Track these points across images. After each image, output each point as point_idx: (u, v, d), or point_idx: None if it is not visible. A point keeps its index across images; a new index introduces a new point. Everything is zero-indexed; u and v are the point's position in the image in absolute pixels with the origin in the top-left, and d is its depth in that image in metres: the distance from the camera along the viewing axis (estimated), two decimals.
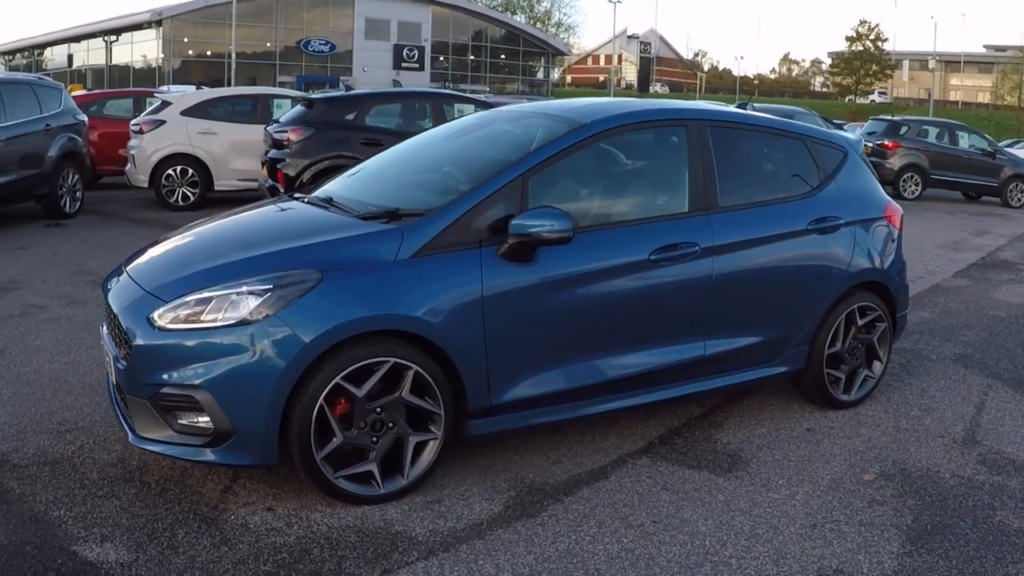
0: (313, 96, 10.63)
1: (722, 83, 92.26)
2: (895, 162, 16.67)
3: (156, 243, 3.83)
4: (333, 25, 52.66)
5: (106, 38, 49.44)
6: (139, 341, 3.13)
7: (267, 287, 3.08)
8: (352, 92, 12.30)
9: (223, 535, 2.99)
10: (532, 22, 74.25)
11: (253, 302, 3.05)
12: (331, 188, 4.16)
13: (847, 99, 74.91)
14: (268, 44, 51.21)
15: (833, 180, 4.48)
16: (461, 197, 3.42)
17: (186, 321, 3.08)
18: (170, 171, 11.03)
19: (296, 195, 4.17)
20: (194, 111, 11.28)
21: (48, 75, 52.28)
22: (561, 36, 77.31)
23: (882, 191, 4.76)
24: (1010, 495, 3.59)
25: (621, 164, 4.01)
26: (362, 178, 4.23)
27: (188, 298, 3.12)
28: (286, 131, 9.72)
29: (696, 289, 3.86)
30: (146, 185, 10.98)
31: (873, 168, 4.84)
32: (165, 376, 3.07)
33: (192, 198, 11.08)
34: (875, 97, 77.31)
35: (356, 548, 2.94)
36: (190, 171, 11.08)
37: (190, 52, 49.09)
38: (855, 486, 3.62)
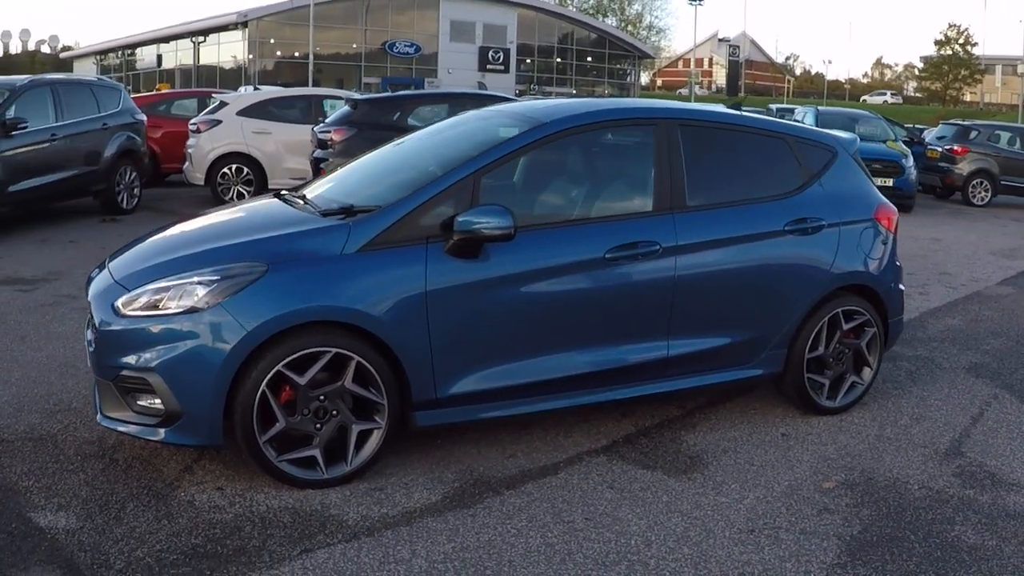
0: (357, 97, 10.92)
1: (813, 87, 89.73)
2: (964, 167, 15.92)
3: (140, 239, 4.06)
4: (418, 27, 53.61)
5: (194, 39, 51.47)
6: (103, 326, 3.34)
7: (215, 278, 3.24)
8: (396, 93, 12.59)
9: (167, 510, 3.16)
10: (623, 25, 74.08)
11: (202, 291, 3.22)
12: (314, 185, 4.32)
13: (932, 104, 71.82)
14: (354, 46, 52.48)
15: (817, 181, 4.37)
16: (410, 195, 3.51)
17: (144, 308, 3.27)
18: (225, 169, 11.50)
19: (281, 193, 4.33)
20: (249, 111, 11.73)
21: (138, 75, 54.29)
22: (652, 39, 76.86)
23: (875, 192, 4.62)
24: (976, 510, 3.44)
25: (582, 163, 4.03)
26: (343, 176, 4.37)
27: (148, 287, 3.32)
28: (330, 131, 10.03)
29: (658, 289, 3.84)
30: (202, 183, 11.48)
31: (865, 168, 4.70)
32: (125, 359, 3.27)
33: (247, 196, 11.53)
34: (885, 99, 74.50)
35: (286, 528, 3.06)
36: (245, 169, 11.53)
37: (279, 53, 50.74)
38: (811, 493, 3.54)
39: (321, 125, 10.39)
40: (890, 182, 13.15)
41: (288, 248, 3.38)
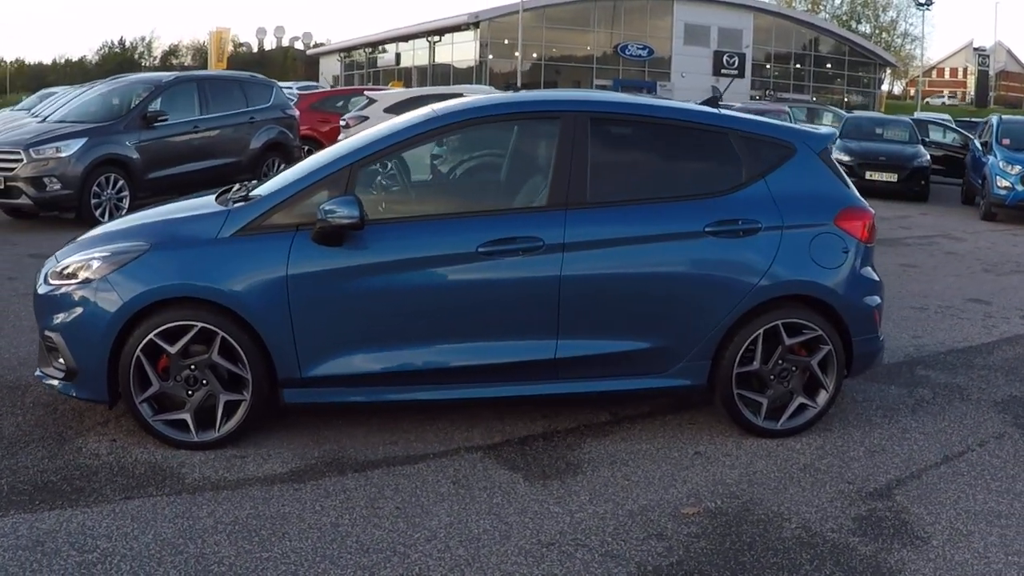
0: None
1: None
2: None
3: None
4: (651, 30, 53.49)
5: (429, 38, 54.86)
6: (36, 293, 3.91)
7: (106, 254, 3.68)
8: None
9: (57, 452, 3.64)
10: (877, 32, 69.06)
11: (95, 264, 3.67)
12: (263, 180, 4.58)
13: None
14: (587, 47, 53.39)
15: (762, 179, 3.97)
16: (285, 186, 3.72)
17: (59, 278, 3.78)
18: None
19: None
20: (395, 109, 12.49)
21: (378, 72, 58.55)
22: (906, 47, 71.00)
23: (844, 194, 4.09)
24: (839, 563, 2.99)
25: (478, 156, 3.98)
26: (293, 169, 4.60)
27: (70, 259, 3.83)
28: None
29: (540, 286, 3.73)
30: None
31: (837, 167, 4.17)
32: (45, 321, 3.81)
33: None
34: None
35: (131, 478, 3.42)
36: (389, 164, 12.35)
37: (516, 54, 52.83)
38: (661, 516, 3.28)
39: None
40: None
41: (173, 231, 3.75)
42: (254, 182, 4.51)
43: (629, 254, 3.80)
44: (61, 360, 3.75)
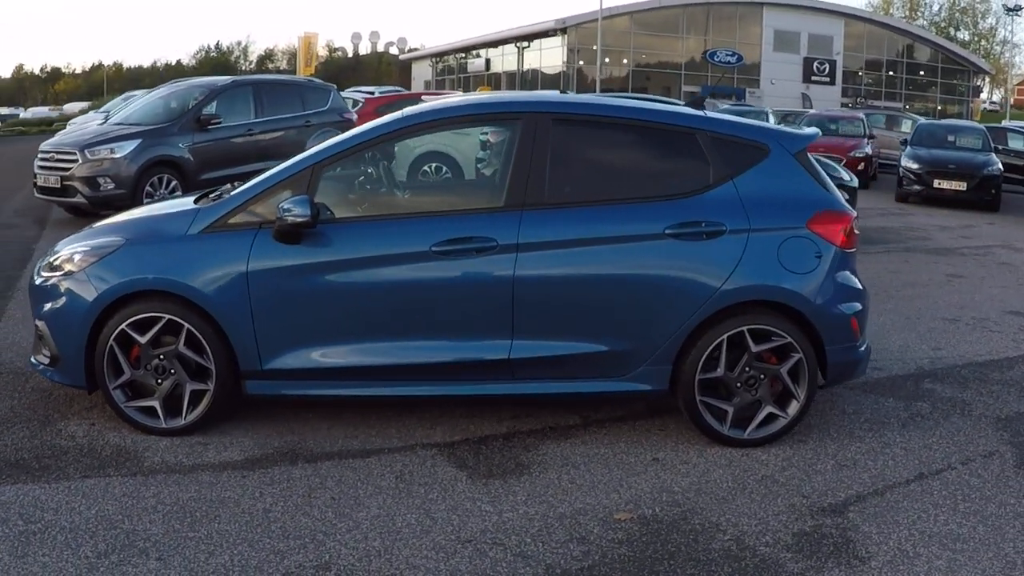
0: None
1: None
2: None
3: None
4: (741, 36, 52.54)
5: (518, 44, 55.22)
6: (32, 283, 4.18)
7: (87, 248, 3.91)
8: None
9: (38, 432, 3.87)
10: (976, 39, 65.78)
11: (77, 258, 3.90)
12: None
13: None
14: (676, 53, 52.80)
15: (731, 180, 3.87)
16: (250, 185, 3.86)
17: (49, 270, 4.04)
18: (426, 167, 12.62)
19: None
20: None
21: (468, 77, 59.24)
22: (1005, 54, 67.39)
23: (822, 197, 3.93)
24: None
25: (436, 158, 4.01)
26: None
27: (59, 253, 4.08)
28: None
29: (493, 286, 3.74)
30: (404, 179, 12.77)
31: (817, 169, 4.00)
32: (36, 311, 4.07)
33: None
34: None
35: (96, 458, 3.61)
36: (444, 168, 12.55)
37: (607, 60, 52.59)
38: (589, 520, 3.24)
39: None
40: None
41: (147, 228, 3.95)
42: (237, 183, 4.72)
43: (585, 255, 3.77)
44: (46, 348, 4.00)
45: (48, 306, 3.94)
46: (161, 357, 3.82)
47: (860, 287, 4.01)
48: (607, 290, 3.79)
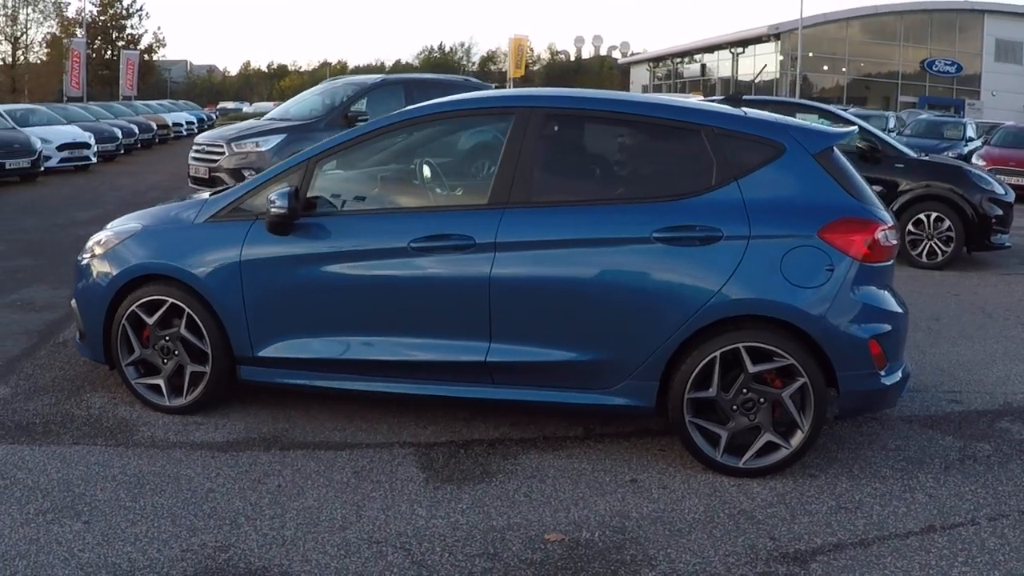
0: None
1: None
2: None
3: None
4: (960, 46, 48.55)
5: (732, 50, 53.50)
6: (78, 263, 4.55)
7: (111, 233, 4.21)
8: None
9: (61, 401, 4.20)
10: None
11: (102, 241, 4.22)
12: None
13: None
14: (891, 62, 49.58)
15: (735, 181, 3.48)
16: (257, 176, 3.98)
17: (86, 252, 4.38)
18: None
19: None
20: None
21: (684, 83, 58.06)
22: None
23: (845, 202, 3.44)
24: None
25: (428, 154, 3.91)
26: None
27: (95, 236, 4.42)
28: None
29: (470, 285, 3.60)
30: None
31: (844, 171, 3.50)
32: (74, 288, 4.44)
33: None
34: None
35: (95, 428, 3.88)
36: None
37: (826, 68, 50.04)
38: (516, 536, 3.03)
39: None
40: None
41: (163, 216, 4.19)
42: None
43: (565, 257, 3.54)
44: (78, 324, 4.36)
45: (79, 284, 4.30)
46: (167, 339, 4.04)
47: (890, 307, 3.48)
48: (588, 296, 3.53)
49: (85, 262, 4.28)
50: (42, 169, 14.86)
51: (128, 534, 2.97)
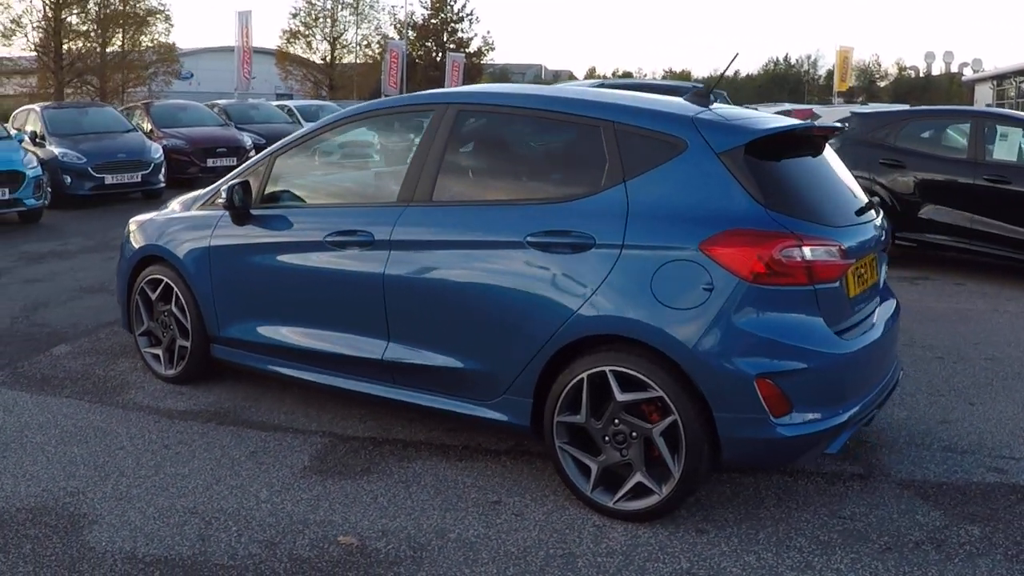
0: (855, 111, 9.75)
1: None
2: None
3: None
4: None
5: None
6: None
7: (139, 217, 4.80)
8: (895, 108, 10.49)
9: (99, 362, 4.86)
10: None
11: (132, 224, 4.83)
12: None
13: None
14: None
15: (623, 183, 3.09)
16: (239, 167, 4.31)
17: (125, 232, 4.99)
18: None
19: None
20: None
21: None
22: None
23: (745, 209, 2.89)
24: None
25: (364, 151, 3.90)
26: None
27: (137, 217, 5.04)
28: None
29: (368, 283, 3.60)
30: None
31: (754, 172, 2.91)
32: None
33: None
34: None
35: (96, 384, 4.46)
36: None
37: None
38: (312, 531, 3.00)
39: None
40: None
41: (177, 203, 4.67)
42: None
43: (447, 259, 3.40)
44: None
45: (117, 261, 4.96)
46: (165, 313, 4.54)
47: (804, 341, 2.87)
48: (467, 302, 3.35)
49: (122, 242, 4.95)
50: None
51: (23, 470, 3.44)
